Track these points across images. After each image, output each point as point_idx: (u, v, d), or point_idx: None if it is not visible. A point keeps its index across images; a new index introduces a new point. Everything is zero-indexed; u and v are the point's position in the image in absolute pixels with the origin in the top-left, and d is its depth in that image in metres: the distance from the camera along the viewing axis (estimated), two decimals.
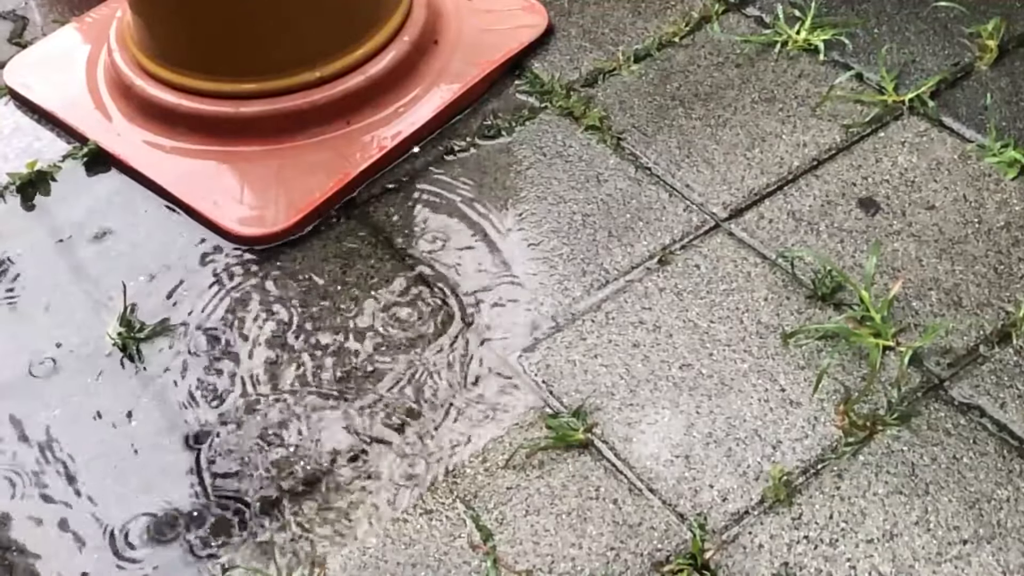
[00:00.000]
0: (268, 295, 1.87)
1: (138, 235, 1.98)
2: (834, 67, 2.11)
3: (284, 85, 2.04)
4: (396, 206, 1.98)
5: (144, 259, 1.94)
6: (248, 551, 1.57)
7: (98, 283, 1.91)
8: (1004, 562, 1.47)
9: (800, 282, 1.79)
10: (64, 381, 1.78)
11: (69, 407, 1.75)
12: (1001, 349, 1.68)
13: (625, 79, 2.14)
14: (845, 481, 1.56)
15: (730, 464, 1.59)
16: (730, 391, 1.67)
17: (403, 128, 2.07)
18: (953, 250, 1.81)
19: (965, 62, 2.08)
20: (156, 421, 1.72)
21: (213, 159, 2.06)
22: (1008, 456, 1.57)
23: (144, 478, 1.66)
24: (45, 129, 2.18)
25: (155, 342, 1.82)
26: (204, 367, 1.78)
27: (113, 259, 1.95)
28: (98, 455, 1.69)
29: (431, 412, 1.70)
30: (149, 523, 1.61)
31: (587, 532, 1.54)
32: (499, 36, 2.22)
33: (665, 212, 1.92)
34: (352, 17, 2.08)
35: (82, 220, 2.01)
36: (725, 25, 2.21)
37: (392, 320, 1.82)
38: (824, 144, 1.99)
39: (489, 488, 1.60)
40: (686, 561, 1.50)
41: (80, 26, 2.36)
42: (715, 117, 2.05)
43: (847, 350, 1.69)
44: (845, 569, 1.48)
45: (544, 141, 2.05)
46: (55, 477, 1.67)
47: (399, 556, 1.55)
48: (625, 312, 1.78)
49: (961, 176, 1.91)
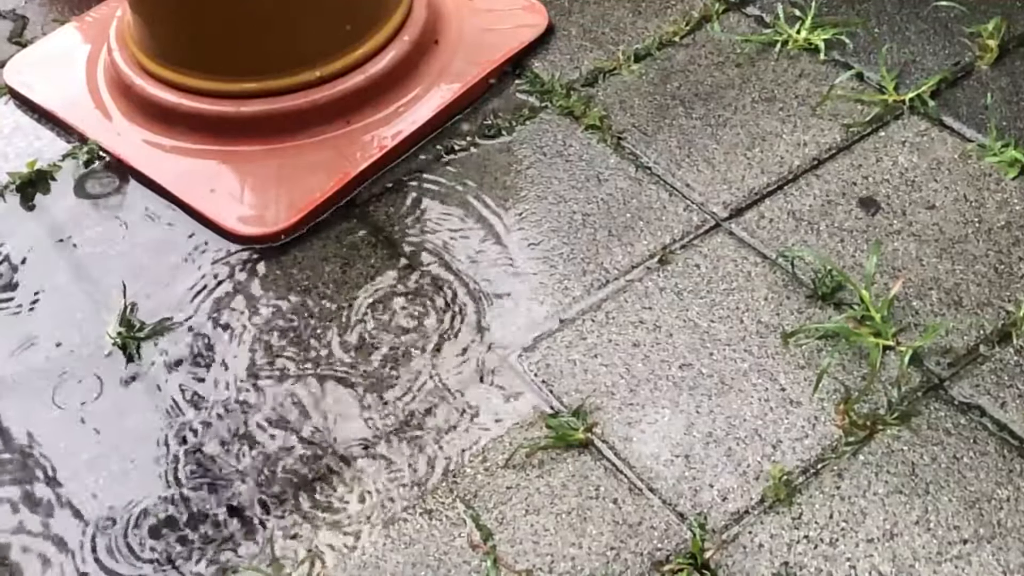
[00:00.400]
0: (268, 294, 1.87)
1: (138, 235, 1.98)
2: (834, 66, 2.11)
3: (284, 84, 2.04)
4: (396, 205, 1.98)
5: (144, 259, 1.94)
6: (248, 550, 1.57)
7: (98, 283, 1.91)
8: (1004, 562, 1.47)
9: (800, 282, 1.79)
10: (64, 381, 1.78)
11: (69, 407, 1.75)
12: (1001, 349, 1.68)
13: (625, 78, 2.14)
14: (845, 481, 1.56)
15: (730, 464, 1.59)
16: (730, 391, 1.67)
17: (403, 127, 2.07)
18: (953, 250, 1.81)
19: (966, 62, 2.08)
20: (155, 420, 1.72)
21: (213, 158, 2.06)
22: (1008, 456, 1.57)
23: (143, 477, 1.65)
24: (45, 128, 2.18)
25: (155, 341, 1.82)
26: (204, 366, 1.78)
27: (113, 259, 1.95)
28: (98, 455, 1.69)
29: (431, 411, 1.69)
30: (147, 522, 1.61)
31: (587, 531, 1.54)
32: (499, 35, 2.22)
33: (665, 212, 1.92)
34: (353, 16, 2.08)
35: (82, 220, 2.01)
36: (725, 24, 2.21)
37: (392, 319, 1.82)
38: (824, 143, 1.99)
39: (489, 488, 1.60)
40: (686, 560, 1.50)
41: (80, 25, 2.36)
42: (715, 116, 2.05)
43: (847, 350, 1.69)
44: (845, 569, 1.48)
45: (544, 140, 2.05)
46: (56, 476, 1.67)
47: (399, 556, 1.55)
48: (625, 312, 1.78)
49: (961, 176, 1.91)
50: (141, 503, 1.63)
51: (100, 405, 1.74)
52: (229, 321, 1.84)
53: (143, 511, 1.62)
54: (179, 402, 1.74)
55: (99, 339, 1.83)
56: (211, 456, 1.67)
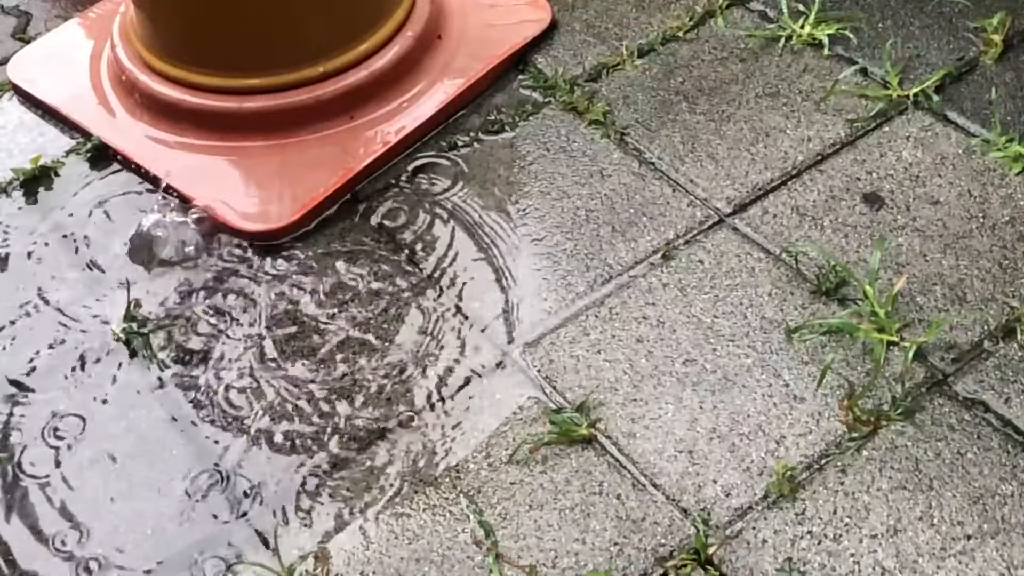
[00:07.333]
0: (272, 290, 1.87)
1: (141, 231, 1.97)
2: (838, 61, 2.10)
3: (288, 80, 2.04)
4: (399, 201, 1.98)
5: (147, 255, 1.93)
6: (252, 547, 1.57)
7: (102, 279, 1.91)
8: (1008, 557, 1.47)
9: (804, 277, 1.79)
10: (68, 376, 1.78)
11: (73, 402, 1.75)
12: (1006, 344, 1.68)
13: (629, 74, 2.14)
14: (849, 476, 1.56)
15: (734, 459, 1.59)
16: (734, 386, 1.67)
17: (407, 123, 2.07)
18: (957, 245, 1.80)
19: (970, 56, 2.08)
20: (160, 415, 1.72)
21: (217, 155, 2.06)
22: (1012, 451, 1.56)
23: (149, 472, 1.66)
24: (49, 125, 2.18)
25: (159, 336, 1.82)
26: (208, 361, 1.78)
27: (117, 254, 1.95)
28: (101, 451, 1.69)
29: (434, 407, 1.70)
30: (155, 519, 1.61)
31: (590, 527, 1.54)
32: (503, 31, 2.22)
33: (669, 207, 1.92)
34: (356, 12, 2.08)
35: (86, 216, 2.01)
36: (729, 19, 2.21)
37: (395, 314, 1.82)
38: (828, 139, 1.98)
39: (492, 483, 1.60)
40: (690, 556, 1.50)
41: (83, 21, 2.36)
42: (719, 112, 2.05)
43: (851, 345, 1.69)
44: (849, 564, 1.48)
45: (548, 136, 2.05)
46: (56, 474, 1.67)
47: (402, 551, 1.55)
48: (628, 307, 1.78)
49: (966, 171, 1.90)
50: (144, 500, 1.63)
51: (103, 400, 1.75)
52: (233, 316, 1.84)
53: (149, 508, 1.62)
54: (182, 396, 1.74)
55: (104, 334, 1.83)
56: (214, 449, 1.67)
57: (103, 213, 2.01)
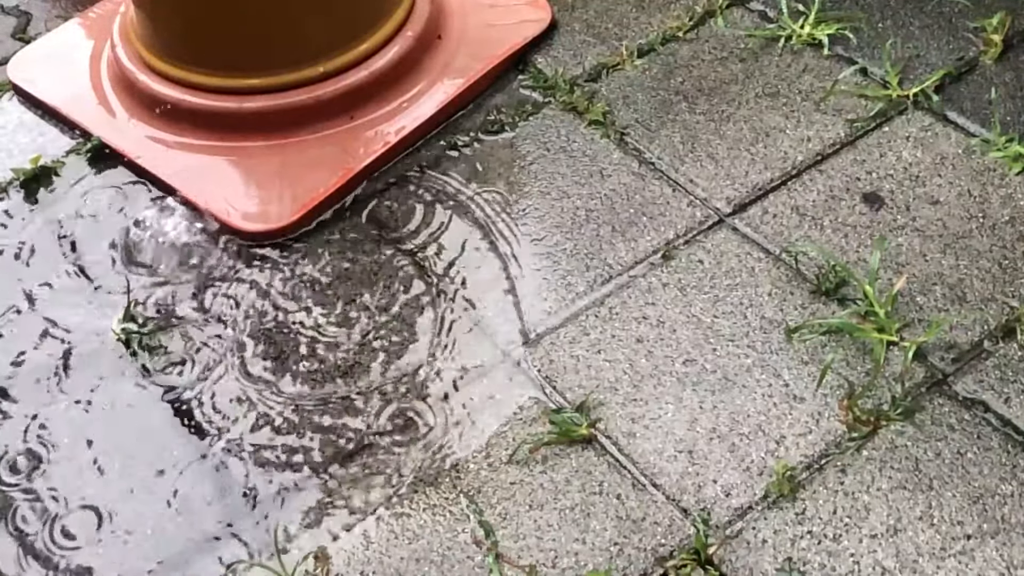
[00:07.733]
0: (272, 290, 1.87)
1: (141, 231, 1.98)
2: (838, 61, 2.10)
3: (288, 80, 2.04)
4: (400, 201, 1.98)
5: (147, 255, 1.94)
6: (252, 547, 1.57)
7: (102, 279, 1.91)
8: (1008, 557, 1.47)
9: (804, 277, 1.79)
10: (69, 377, 1.78)
11: (73, 403, 1.75)
12: (1005, 344, 1.68)
13: (629, 74, 2.14)
14: (849, 476, 1.56)
15: (734, 459, 1.59)
16: (734, 386, 1.67)
17: (407, 123, 2.07)
18: (957, 245, 1.81)
19: (970, 56, 2.08)
20: (160, 416, 1.72)
21: (217, 154, 2.06)
22: (1012, 451, 1.56)
23: (148, 473, 1.66)
24: (49, 125, 2.18)
25: (159, 337, 1.82)
26: (207, 362, 1.78)
27: (116, 255, 1.95)
28: (102, 452, 1.69)
29: (433, 407, 1.70)
30: (155, 520, 1.61)
31: (590, 527, 1.54)
32: (503, 31, 2.22)
33: (669, 207, 1.92)
34: (356, 12, 2.08)
35: (86, 215, 2.01)
36: (729, 19, 2.21)
37: (395, 314, 1.82)
38: (828, 139, 1.98)
39: (492, 483, 1.60)
40: (690, 556, 1.50)
41: (83, 21, 2.36)
42: (719, 112, 2.05)
43: (851, 345, 1.69)
44: (849, 564, 1.48)
45: (548, 136, 2.05)
46: (56, 474, 1.67)
47: (402, 551, 1.55)
48: (628, 307, 1.78)
49: (965, 171, 1.90)
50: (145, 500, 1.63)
51: (103, 401, 1.75)
52: (232, 316, 1.84)
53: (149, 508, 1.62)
54: (182, 397, 1.74)
55: (104, 335, 1.83)
56: (212, 451, 1.67)
57: (103, 213, 2.01)
